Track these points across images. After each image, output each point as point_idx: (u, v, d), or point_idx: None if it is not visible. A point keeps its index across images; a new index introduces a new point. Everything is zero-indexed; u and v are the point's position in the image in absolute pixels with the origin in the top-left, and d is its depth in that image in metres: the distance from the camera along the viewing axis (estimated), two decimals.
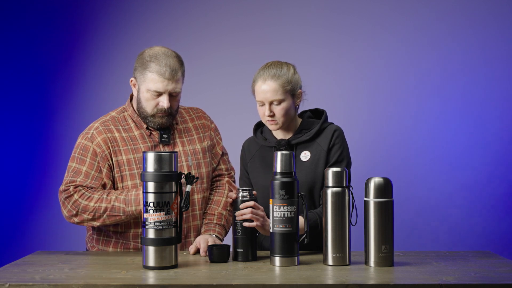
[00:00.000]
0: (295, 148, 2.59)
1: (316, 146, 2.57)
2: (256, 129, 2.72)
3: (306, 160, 2.56)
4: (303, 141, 2.58)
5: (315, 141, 2.58)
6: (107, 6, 4.15)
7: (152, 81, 2.50)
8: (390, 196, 2.19)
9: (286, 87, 2.51)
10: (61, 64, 4.13)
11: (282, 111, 2.52)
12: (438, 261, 2.29)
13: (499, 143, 3.87)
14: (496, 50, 3.88)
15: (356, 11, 4.01)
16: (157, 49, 2.56)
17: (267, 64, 2.57)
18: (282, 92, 2.51)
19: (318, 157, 2.55)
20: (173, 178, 2.19)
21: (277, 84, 2.50)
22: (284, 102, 2.52)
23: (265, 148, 2.65)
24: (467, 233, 3.86)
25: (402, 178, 3.83)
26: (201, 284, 1.96)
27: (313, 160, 2.56)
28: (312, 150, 2.57)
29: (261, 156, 2.65)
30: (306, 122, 2.62)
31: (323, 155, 2.55)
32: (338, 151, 2.55)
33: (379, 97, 3.98)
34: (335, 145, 2.56)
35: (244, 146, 2.73)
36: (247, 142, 2.74)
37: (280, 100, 2.51)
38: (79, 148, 2.58)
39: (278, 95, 2.50)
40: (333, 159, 2.55)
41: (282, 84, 2.51)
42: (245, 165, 2.70)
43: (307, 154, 2.57)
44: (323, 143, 2.57)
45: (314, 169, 2.54)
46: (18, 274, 2.12)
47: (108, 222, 2.50)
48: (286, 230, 2.20)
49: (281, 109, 2.51)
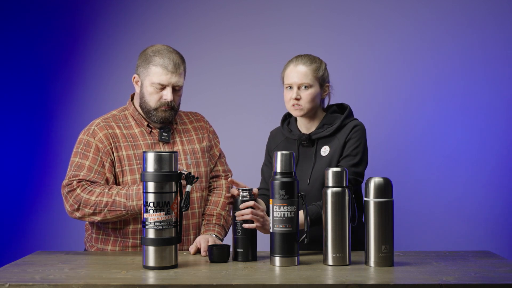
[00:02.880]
0: (316, 142, 2.62)
1: (335, 141, 2.61)
2: (284, 120, 2.79)
3: (325, 155, 2.60)
4: (323, 136, 2.62)
5: (335, 136, 2.62)
6: (107, 6, 4.15)
7: (156, 74, 2.56)
8: (390, 196, 2.19)
9: (317, 74, 2.60)
10: (61, 64, 4.13)
11: (309, 96, 2.58)
12: (438, 261, 2.29)
13: (499, 143, 3.86)
14: (496, 50, 3.88)
15: (357, 11, 4.01)
16: (159, 46, 2.64)
17: (299, 55, 2.66)
18: (312, 77, 2.59)
19: (334, 152, 2.59)
20: (173, 178, 2.19)
21: (309, 69, 2.60)
22: (312, 88, 2.59)
23: (289, 140, 2.71)
24: (467, 233, 3.86)
25: (402, 178, 3.83)
26: (201, 284, 1.96)
27: (330, 155, 2.59)
28: (331, 145, 2.61)
29: (284, 147, 2.71)
30: (329, 117, 2.66)
31: (339, 149, 2.58)
32: (354, 145, 2.57)
33: (379, 97, 3.98)
34: (352, 139, 2.58)
35: (271, 135, 2.82)
36: (274, 131, 2.82)
37: (309, 84, 2.58)
38: (81, 143, 2.60)
39: (307, 79, 2.58)
40: (347, 152, 2.57)
41: (313, 69, 2.59)
42: (270, 152, 2.76)
43: (327, 149, 2.61)
44: (341, 138, 2.60)
45: (329, 164, 2.58)
46: (18, 274, 2.12)
47: (109, 217, 2.51)
48: (286, 230, 2.20)
49: (308, 94, 2.58)
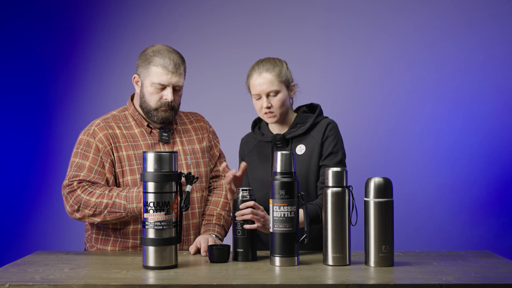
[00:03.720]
0: (291, 142, 2.62)
1: (310, 139, 2.61)
2: (254, 125, 2.77)
3: (301, 153, 2.60)
4: (297, 135, 2.62)
5: (309, 135, 2.62)
6: (107, 7, 4.15)
7: (156, 74, 2.56)
8: (390, 196, 2.19)
9: (281, 78, 2.57)
10: (61, 64, 4.13)
11: (279, 102, 2.57)
12: (438, 261, 2.29)
13: (499, 143, 3.86)
14: (496, 50, 3.88)
15: (354, 11, 4.01)
16: (159, 46, 2.64)
17: (259, 60, 2.63)
18: (277, 82, 2.56)
19: (312, 150, 2.59)
20: (173, 178, 2.19)
21: (272, 75, 2.57)
22: (280, 93, 2.57)
23: (262, 143, 2.70)
24: (467, 233, 3.86)
25: (402, 178, 3.83)
26: (201, 284, 1.96)
27: (307, 154, 2.59)
28: (307, 144, 2.61)
29: (258, 150, 2.70)
30: (301, 116, 2.66)
31: (317, 147, 2.59)
32: (332, 143, 2.59)
33: (379, 97, 3.98)
34: (329, 137, 2.59)
35: (242, 141, 2.79)
36: (245, 138, 2.79)
37: (276, 91, 2.56)
38: (82, 144, 2.60)
39: (274, 86, 2.56)
40: (328, 150, 2.58)
41: (277, 74, 2.57)
42: (243, 159, 2.75)
43: (302, 147, 2.61)
44: (317, 136, 2.60)
45: (308, 162, 2.58)
46: (18, 274, 2.12)
47: (109, 218, 2.51)
48: (286, 230, 2.20)
49: (278, 100, 2.57)
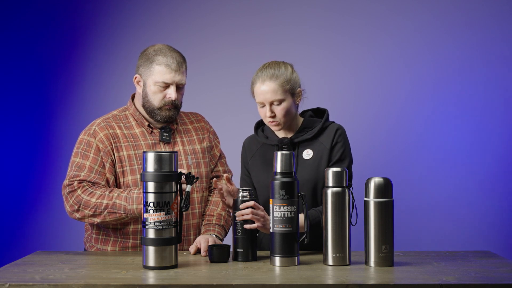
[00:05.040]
0: (297, 146, 2.58)
1: (318, 145, 2.57)
2: (257, 127, 2.71)
3: (308, 158, 2.56)
4: (305, 139, 2.57)
5: (318, 140, 2.58)
6: (107, 7, 4.15)
7: (159, 73, 2.56)
8: (390, 196, 2.19)
9: (285, 87, 2.50)
10: (61, 64, 4.13)
11: (283, 111, 2.51)
12: (438, 261, 2.29)
13: (499, 143, 3.86)
14: (496, 50, 3.88)
15: (354, 11, 4.00)
16: (160, 45, 2.64)
17: (265, 65, 2.56)
18: (281, 91, 2.50)
19: (320, 155, 2.55)
20: (173, 178, 2.19)
21: (276, 84, 2.49)
22: (284, 102, 2.51)
23: (266, 146, 2.64)
24: (467, 233, 3.86)
25: (402, 178, 3.83)
26: (201, 284, 1.96)
27: (315, 159, 2.55)
28: (314, 149, 2.57)
29: (262, 154, 2.64)
30: (308, 121, 2.61)
31: (326, 153, 2.55)
32: (340, 150, 2.55)
33: (379, 97, 3.98)
34: (338, 143, 2.56)
35: (245, 144, 2.72)
36: (247, 140, 2.72)
37: (280, 100, 2.50)
38: (82, 144, 2.60)
39: (278, 95, 2.49)
40: (336, 157, 2.54)
41: (281, 83, 2.50)
42: (245, 163, 2.69)
43: (310, 152, 2.57)
44: (325, 142, 2.56)
45: (316, 167, 2.54)
46: (18, 274, 2.12)
47: (109, 219, 2.51)
48: (286, 230, 2.20)
49: (282, 109, 2.50)
